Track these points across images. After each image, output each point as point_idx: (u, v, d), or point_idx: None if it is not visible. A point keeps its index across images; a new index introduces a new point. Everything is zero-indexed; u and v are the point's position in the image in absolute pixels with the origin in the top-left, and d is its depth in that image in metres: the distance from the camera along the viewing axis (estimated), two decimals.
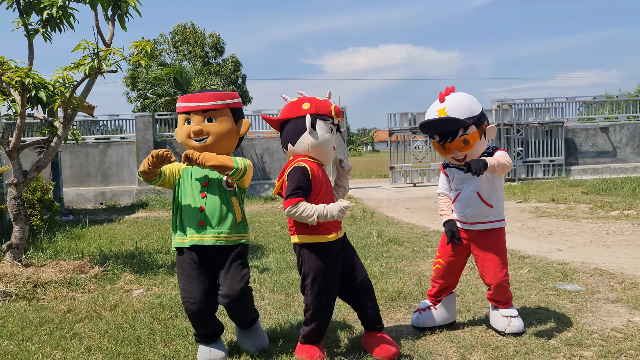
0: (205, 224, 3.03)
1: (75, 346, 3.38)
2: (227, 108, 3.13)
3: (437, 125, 3.29)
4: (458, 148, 3.29)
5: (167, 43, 20.49)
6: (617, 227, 7.36)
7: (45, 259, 5.65)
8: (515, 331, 3.33)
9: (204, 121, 3.08)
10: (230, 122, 3.14)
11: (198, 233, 3.03)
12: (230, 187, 3.10)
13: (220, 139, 3.10)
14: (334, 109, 3.03)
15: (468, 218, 3.43)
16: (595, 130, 16.22)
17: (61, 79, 5.06)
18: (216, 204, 3.05)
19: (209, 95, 3.12)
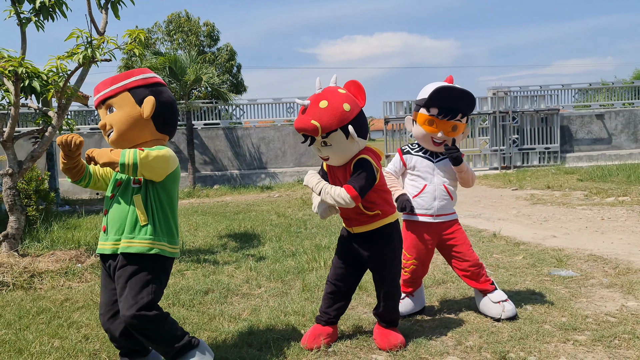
0: (107, 229, 2.58)
1: (72, 334, 3.39)
2: (124, 91, 2.60)
3: (456, 95, 3.24)
4: (445, 130, 3.32)
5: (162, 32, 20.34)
6: (612, 213, 7.40)
7: (41, 249, 5.65)
8: (510, 315, 3.37)
9: (107, 113, 2.64)
10: (130, 105, 2.59)
11: (102, 240, 2.61)
12: (135, 184, 2.59)
13: (122, 128, 2.58)
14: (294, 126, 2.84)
15: (435, 210, 3.44)
16: (591, 117, 16.24)
17: (55, 69, 5.02)
18: (119, 205, 2.57)
19: (103, 83, 2.65)
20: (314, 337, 3.05)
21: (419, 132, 3.43)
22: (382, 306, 3.07)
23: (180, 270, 5.06)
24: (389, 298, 3.05)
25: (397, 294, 3.10)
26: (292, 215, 8.50)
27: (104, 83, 2.65)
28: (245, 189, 13.86)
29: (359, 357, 2.93)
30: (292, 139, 15.59)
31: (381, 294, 3.05)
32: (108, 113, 2.63)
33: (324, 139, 2.77)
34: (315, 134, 2.73)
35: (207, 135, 15.31)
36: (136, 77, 2.65)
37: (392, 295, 3.06)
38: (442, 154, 3.47)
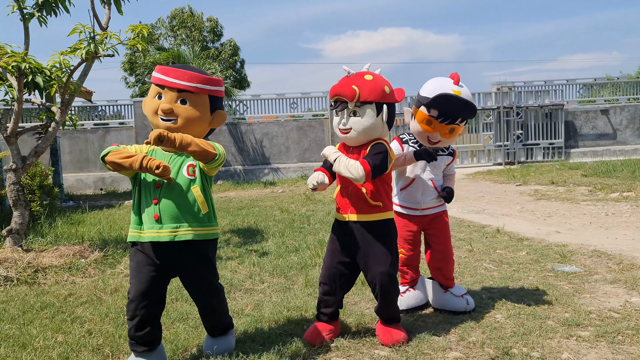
0: (160, 218, 2.66)
1: (76, 329, 3.40)
2: (205, 94, 2.78)
3: (460, 105, 3.23)
4: (442, 132, 3.32)
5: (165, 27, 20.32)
6: (616, 209, 7.37)
7: (45, 244, 5.67)
8: (472, 308, 3.49)
9: (177, 101, 2.73)
10: (205, 109, 2.79)
11: (153, 228, 2.67)
12: (191, 175, 2.73)
13: (189, 124, 2.74)
14: (330, 90, 2.96)
15: (422, 204, 3.49)
16: (596, 112, 16.17)
17: (58, 64, 5.03)
18: (173, 195, 2.67)
19: (189, 74, 2.74)
20: (317, 333, 3.04)
21: (416, 128, 3.42)
22: (380, 305, 3.04)
23: None
24: (386, 295, 2.98)
25: (395, 292, 3.03)
26: (295, 211, 8.50)
27: (190, 76, 2.74)
28: (249, 184, 13.87)
29: (362, 352, 2.93)
30: (295, 135, 15.58)
31: (378, 293, 2.98)
32: (178, 102, 2.73)
33: (356, 107, 2.85)
34: (351, 99, 2.82)
35: None
36: (218, 88, 2.86)
37: (389, 292, 2.98)
38: (441, 150, 3.50)
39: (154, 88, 2.80)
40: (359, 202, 2.96)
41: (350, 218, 2.98)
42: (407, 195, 3.51)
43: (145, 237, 2.69)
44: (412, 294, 3.59)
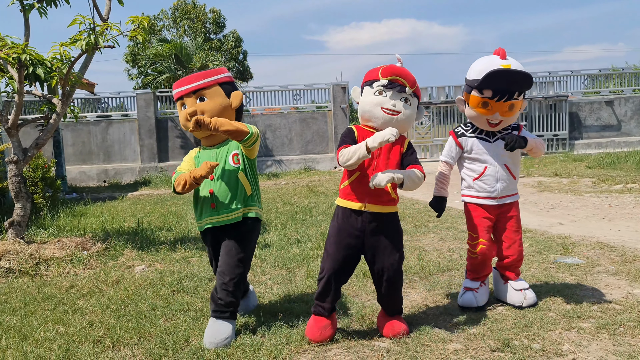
0: (217, 206, 3.08)
1: (77, 321, 3.41)
2: (215, 84, 3.14)
3: (516, 77, 3.09)
4: (501, 111, 3.18)
5: (167, 19, 20.25)
6: (620, 200, 7.33)
7: (47, 236, 5.68)
8: (531, 303, 3.34)
9: (197, 101, 3.12)
10: (222, 97, 3.14)
11: (211, 216, 3.10)
12: (236, 163, 3.11)
13: (215, 115, 3.07)
14: (381, 70, 2.93)
15: (498, 192, 3.33)
16: (600, 103, 16.07)
17: (58, 55, 5.01)
18: (226, 184, 3.08)
19: (195, 75, 3.16)
20: (320, 329, 2.95)
21: (472, 114, 3.29)
22: (388, 296, 3.01)
23: (185, 258, 5.07)
24: (395, 287, 3.00)
25: (401, 284, 3.04)
26: (297, 203, 8.49)
27: (197, 76, 3.15)
28: None
29: (362, 344, 2.93)
30: (298, 127, 15.55)
31: (386, 284, 2.97)
32: (198, 102, 3.11)
33: (409, 94, 2.93)
34: (412, 85, 2.92)
35: None
36: (224, 74, 3.23)
37: (397, 284, 3.00)
38: (499, 132, 3.33)
39: (178, 103, 3.22)
40: (380, 194, 2.90)
41: (367, 208, 2.90)
42: (482, 184, 3.34)
43: (204, 224, 3.13)
44: (485, 289, 3.47)
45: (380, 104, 2.89)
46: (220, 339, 2.92)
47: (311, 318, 3.05)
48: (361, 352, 2.84)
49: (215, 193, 3.08)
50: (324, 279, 2.99)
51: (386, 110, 2.88)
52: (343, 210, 2.98)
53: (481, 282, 3.48)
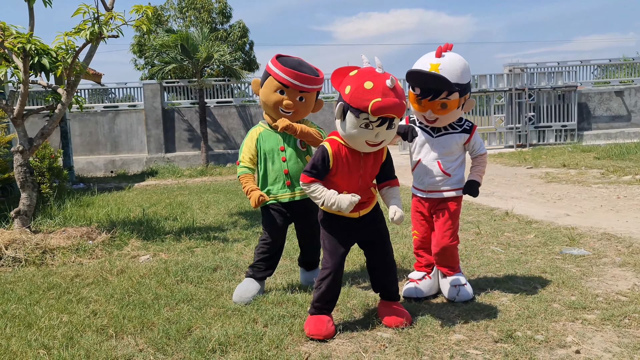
0: (292, 184, 3.47)
1: (81, 310, 3.42)
2: (315, 91, 3.45)
3: (426, 79, 3.15)
4: (434, 109, 3.21)
5: (174, 9, 20.19)
6: (628, 191, 7.26)
7: (53, 226, 5.71)
8: (464, 299, 3.34)
9: (297, 98, 3.38)
10: (313, 101, 3.49)
11: (287, 192, 3.49)
12: (303, 148, 3.52)
13: (302, 114, 3.48)
14: (372, 105, 2.62)
15: (425, 186, 3.39)
16: (610, 94, 15.90)
17: (63, 45, 5.00)
18: (297, 164, 3.47)
19: (309, 78, 3.34)
20: (325, 324, 2.90)
21: (412, 109, 3.38)
22: (385, 278, 3.07)
23: (189, 247, 5.08)
24: (391, 268, 3.10)
25: (395, 266, 3.15)
26: None
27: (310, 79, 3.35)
28: None
29: (364, 334, 2.92)
30: None
31: (385, 267, 3.06)
32: (298, 99, 3.39)
33: (398, 120, 2.80)
34: (402, 115, 2.78)
35: (219, 114, 15.29)
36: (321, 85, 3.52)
37: (393, 265, 3.12)
38: (444, 129, 3.36)
39: (275, 83, 3.36)
40: (368, 199, 3.00)
41: (362, 213, 3.01)
42: (416, 176, 3.46)
43: (282, 198, 3.50)
44: (428, 282, 3.49)
45: (365, 138, 2.75)
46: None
47: (310, 318, 2.96)
48: (363, 342, 2.83)
49: (290, 173, 3.46)
50: (330, 278, 2.93)
51: (370, 143, 2.79)
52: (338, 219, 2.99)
53: (426, 274, 3.50)
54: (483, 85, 15.68)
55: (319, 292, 2.96)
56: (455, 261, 3.43)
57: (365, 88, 2.65)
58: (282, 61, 3.38)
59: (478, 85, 15.61)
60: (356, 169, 2.89)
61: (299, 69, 3.35)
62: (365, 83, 2.66)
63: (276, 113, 3.45)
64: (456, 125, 3.37)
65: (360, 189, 2.94)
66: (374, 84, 2.64)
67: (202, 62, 13.94)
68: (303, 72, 3.34)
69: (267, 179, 3.53)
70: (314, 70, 3.44)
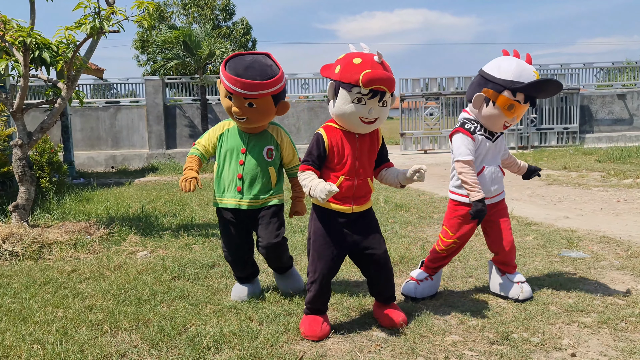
0: (242, 190, 3.29)
1: (77, 305, 3.42)
2: (268, 95, 3.15)
3: (553, 88, 3.19)
4: (519, 115, 3.25)
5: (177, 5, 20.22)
6: (629, 195, 7.24)
7: (52, 220, 5.70)
8: (527, 297, 3.32)
9: (245, 105, 3.15)
10: (270, 105, 3.20)
11: (235, 198, 3.30)
12: (269, 158, 3.33)
13: (258, 122, 3.26)
14: (363, 76, 2.65)
15: (492, 192, 3.33)
16: (612, 97, 15.85)
17: (64, 40, 4.99)
18: (253, 172, 3.29)
19: (252, 84, 3.08)
20: (319, 324, 2.87)
21: (493, 114, 3.19)
22: (384, 281, 3.01)
23: (187, 244, 5.07)
24: (389, 272, 3.03)
25: (392, 271, 3.07)
26: None
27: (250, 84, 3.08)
28: None
29: (360, 334, 2.91)
30: (306, 115, 15.49)
31: (383, 270, 2.98)
32: (246, 105, 3.15)
33: (389, 97, 2.80)
34: (392, 89, 2.76)
35: (221, 111, 15.27)
36: (279, 86, 3.20)
37: (391, 268, 3.05)
38: (496, 133, 3.34)
39: (224, 89, 3.20)
40: (365, 194, 2.94)
41: (356, 210, 2.91)
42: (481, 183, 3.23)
43: (228, 204, 3.33)
44: (429, 283, 3.46)
45: (359, 114, 2.75)
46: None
47: (306, 318, 2.95)
48: (359, 341, 2.82)
49: (244, 178, 3.28)
50: (318, 282, 2.89)
51: (364, 119, 2.79)
52: (328, 212, 2.91)
53: (429, 275, 3.47)
54: None
55: (310, 295, 2.94)
56: (514, 258, 3.48)
57: (354, 63, 2.72)
58: (229, 66, 3.14)
59: None
60: (352, 151, 2.86)
61: (243, 74, 3.07)
62: (354, 59, 2.73)
63: (234, 119, 3.28)
64: None
65: (357, 175, 2.88)
66: (362, 59, 2.72)
67: (204, 58, 13.93)
68: (247, 77, 3.06)
69: (221, 179, 3.37)
70: (266, 73, 3.11)
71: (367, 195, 2.97)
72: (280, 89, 3.22)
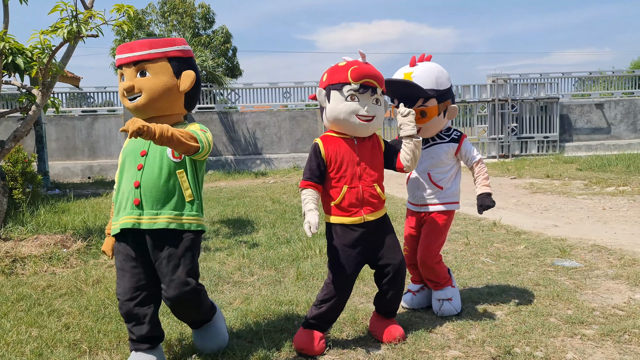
0: (141, 203, 2.43)
1: (52, 323, 3.21)
2: (163, 57, 2.52)
3: (398, 87, 3.11)
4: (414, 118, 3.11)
5: (156, 13, 19.90)
6: (613, 203, 7.25)
7: (25, 233, 5.45)
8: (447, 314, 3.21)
9: (136, 75, 2.51)
10: (168, 74, 2.53)
11: (133, 214, 2.44)
12: (176, 158, 2.49)
13: (154, 96, 2.49)
14: (351, 72, 2.66)
15: (417, 200, 3.25)
16: (590, 106, 16.06)
17: (39, 45, 4.78)
18: (155, 177, 2.45)
19: (140, 43, 2.52)
20: (315, 340, 2.73)
21: None
22: (393, 296, 2.86)
23: None
24: (400, 284, 2.87)
25: (403, 287, 2.93)
26: (287, 202, 8.32)
27: (141, 43, 2.53)
28: (240, 174, 13.66)
29: (356, 350, 2.77)
30: (288, 125, 15.36)
31: (392, 283, 2.82)
32: (138, 76, 2.52)
33: (380, 95, 2.78)
34: (382, 84, 2.75)
35: (201, 120, 15.05)
36: (178, 47, 2.59)
37: (402, 283, 2.89)
38: (432, 139, 3.24)
39: (119, 72, 2.62)
40: (373, 200, 2.78)
41: (367, 218, 2.76)
42: (408, 189, 3.33)
43: (124, 223, 2.44)
44: (425, 292, 3.39)
45: (355, 111, 2.69)
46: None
47: (302, 331, 2.79)
48: (354, 358, 2.68)
49: (142, 187, 2.44)
50: (334, 301, 2.74)
51: (361, 117, 2.71)
52: (340, 227, 2.77)
53: (423, 285, 3.40)
54: (466, 96, 15.73)
55: (319, 312, 2.76)
56: (438, 276, 3.25)
57: (340, 65, 2.76)
58: None
59: (462, 96, 15.64)
60: (352, 158, 2.76)
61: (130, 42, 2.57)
62: (339, 63, 2.79)
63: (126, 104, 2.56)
64: (444, 135, 3.25)
65: (362, 181, 2.75)
66: (346, 61, 2.77)
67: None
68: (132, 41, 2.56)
69: (118, 196, 2.54)
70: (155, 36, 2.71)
71: (377, 201, 2.79)
72: (179, 53, 2.57)
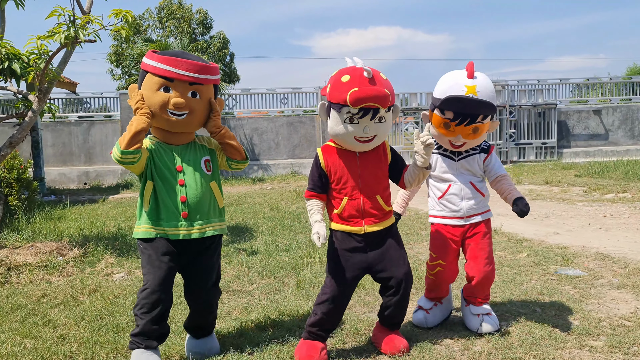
0: (189, 216, 2.66)
1: (48, 334, 3.13)
2: (212, 84, 2.73)
3: (470, 104, 2.88)
4: (464, 134, 2.96)
5: (153, 19, 19.89)
6: (614, 210, 7.21)
7: (20, 241, 5.37)
8: (489, 330, 3.03)
9: (189, 94, 2.61)
10: (211, 99, 2.75)
11: (182, 226, 2.65)
12: (209, 171, 2.75)
13: (201, 119, 2.71)
14: (349, 96, 2.52)
15: (465, 212, 3.08)
16: (588, 112, 16.07)
17: (36, 50, 4.72)
18: (198, 192, 2.68)
19: (199, 65, 2.62)
20: (316, 351, 2.67)
21: (434, 132, 3.06)
22: (396, 308, 2.79)
23: None
24: (405, 298, 2.80)
25: (408, 300, 2.85)
26: (285, 208, 8.25)
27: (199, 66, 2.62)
28: (237, 180, 13.58)
29: None
30: (285, 130, 15.31)
31: (397, 295, 2.75)
32: (190, 95, 2.63)
33: (385, 112, 2.64)
34: (386, 105, 2.58)
35: None
36: (219, 76, 2.83)
37: (408, 294, 2.82)
38: (465, 151, 3.10)
39: (156, 80, 2.60)
40: (376, 211, 2.72)
41: (368, 229, 2.70)
42: (447, 202, 3.09)
43: (170, 234, 2.64)
44: (438, 309, 3.23)
45: (353, 134, 2.62)
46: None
47: (303, 343, 2.74)
48: None
49: (189, 201, 2.65)
50: (330, 306, 2.71)
51: (360, 139, 2.64)
52: (341, 233, 2.74)
53: (436, 302, 3.24)
54: None
55: (315, 319, 2.73)
56: (489, 289, 3.18)
57: (342, 81, 2.60)
58: (158, 54, 2.66)
59: None
60: (352, 170, 2.71)
61: (184, 56, 2.63)
62: (343, 77, 2.62)
63: (165, 120, 2.63)
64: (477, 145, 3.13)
65: (363, 193, 2.70)
66: (351, 76, 2.59)
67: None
68: (191, 58, 2.63)
69: (159, 207, 2.66)
70: (205, 61, 2.72)
71: (379, 212, 2.74)
72: (219, 81, 2.84)
